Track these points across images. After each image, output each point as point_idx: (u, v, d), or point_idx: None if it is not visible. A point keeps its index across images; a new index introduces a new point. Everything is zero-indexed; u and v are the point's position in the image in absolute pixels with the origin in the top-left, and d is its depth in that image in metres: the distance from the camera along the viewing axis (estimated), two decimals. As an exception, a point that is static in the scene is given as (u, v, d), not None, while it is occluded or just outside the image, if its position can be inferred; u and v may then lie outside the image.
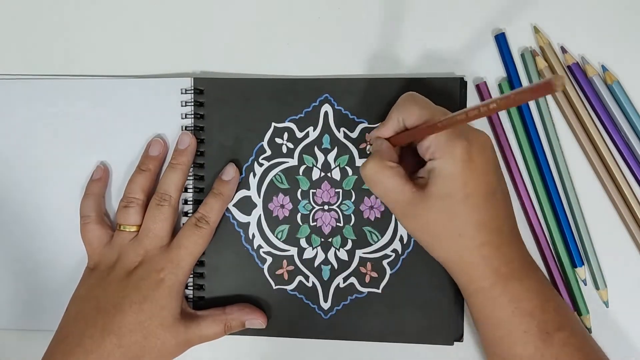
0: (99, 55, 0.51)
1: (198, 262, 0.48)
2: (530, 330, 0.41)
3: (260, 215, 0.49)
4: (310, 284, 0.48)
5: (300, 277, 0.49)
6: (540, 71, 0.47)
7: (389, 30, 0.49)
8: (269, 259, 0.49)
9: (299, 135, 0.49)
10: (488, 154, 0.42)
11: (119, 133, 0.50)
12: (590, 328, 0.47)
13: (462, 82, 0.48)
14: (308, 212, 0.48)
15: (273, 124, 0.49)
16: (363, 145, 0.48)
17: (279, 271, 0.49)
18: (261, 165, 0.49)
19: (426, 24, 0.49)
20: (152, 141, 0.48)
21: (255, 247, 0.49)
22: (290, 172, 0.49)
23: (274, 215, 0.49)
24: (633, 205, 0.46)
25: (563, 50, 0.47)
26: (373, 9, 0.49)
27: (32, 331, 0.50)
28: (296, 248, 0.49)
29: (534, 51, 0.47)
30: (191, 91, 0.49)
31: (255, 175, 0.49)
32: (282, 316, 0.48)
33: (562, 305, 0.43)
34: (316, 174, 0.48)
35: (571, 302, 0.47)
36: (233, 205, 0.49)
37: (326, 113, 0.48)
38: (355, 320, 0.48)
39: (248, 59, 0.50)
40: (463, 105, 0.47)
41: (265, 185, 0.49)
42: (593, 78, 0.46)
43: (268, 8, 0.50)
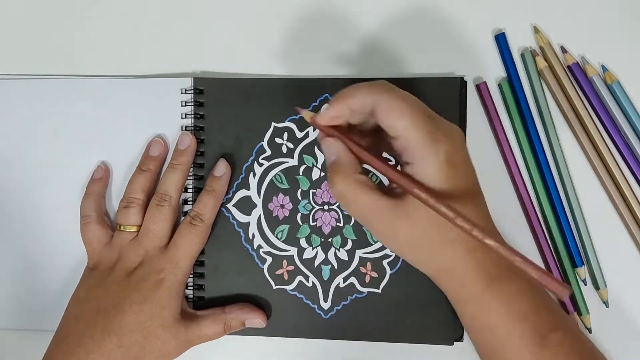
0: (99, 55, 0.51)
1: (198, 262, 0.48)
2: (525, 334, 0.39)
3: (260, 215, 0.49)
4: (310, 284, 0.48)
5: (300, 277, 0.49)
6: (540, 71, 0.47)
7: (389, 30, 0.49)
8: (269, 259, 0.49)
9: (299, 135, 0.49)
10: (466, 152, 0.40)
11: (119, 133, 0.50)
12: (590, 328, 0.47)
13: (462, 82, 0.47)
14: (308, 212, 0.48)
15: (273, 124, 0.49)
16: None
17: (279, 271, 0.49)
18: (261, 165, 0.49)
19: (426, 24, 0.49)
20: (153, 141, 0.48)
21: (255, 247, 0.49)
22: (290, 172, 0.49)
23: (274, 215, 0.49)
24: (633, 205, 0.46)
25: (563, 50, 0.47)
26: (373, 9, 0.49)
27: (32, 331, 0.50)
28: (296, 248, 0.49)
29: (534, 51, 0.47)
30: (191, 91, 0.49)
31: (255, 175, 0.49)
32: (282, 316, 0.48)
33: (553, 303, 0.42)
34: (316, 174, 0.49)
35: (571, 302, 0.47)
36: (233, 205, 0.49)
37: (326, 113, 0.48)
38: (355, 320, 0.48)
39: (248, 59, 0.50)
40: (463, 105, 0.47)
41: (265, 185, 0.49)
42: (593, 78, 0.46)
43: (268, 8, 0.50)
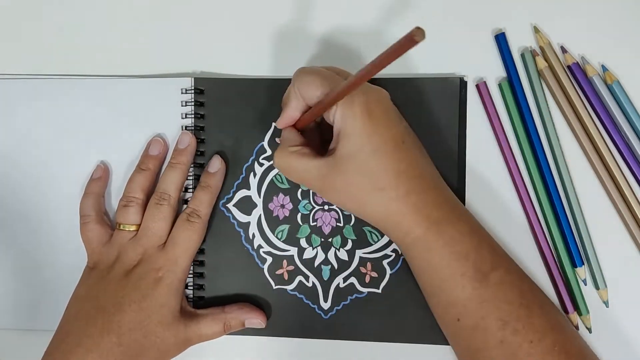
0: (100, 55, 0.51)
1: (198, 262, 0.48)
2: (467, 272, 0.41)
3: (260, 215, 0.49)
4: (310, 284, 0.48)
5: (300, 277, 0.49)
6: (540, 71, 0.47)
7: (389, 30, 0.49)
8: (269, 259, 0.49)
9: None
10: (386, 105, 0.42)
11: (119, 133, 0.50)
12: (590, 328, 0.47)
13: (462, 82, 0.48)
14: (308, 212, 0.48)
15: (273, 124, 0.49)
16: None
17: (279, 271, 0.49)
18: (261, 165, 0.49)
19: (426, 24, 0.49)
20: (152, 140, 0.49)
21: (255, 247, 0.49)
22: (290, 172, 0.49)
23: (274, 215, 0.49)
24: (633, 205, 0.46)
25: (563, 50, 0.47)
26: (373, 9, 0.49)
27: (32, 331, 0.50)
28: (296, 248, 0.49)
29: (534, 51, 0.47)
30: (191, 91, 0.49)
31: (255, 175, 0.49)
32: (282, 316, 0.48)
33: (495, 245, 0.44)
34: (316, 174, 0.48)
35: (571, 302, 0.47)
36: (233, 205, 0.49)
37: (326, 113, 0.48)
38: (355, 320, 0.48)
39: (248, 59, 0.50)
40: (463, 105, 0.48)
41: (265, 185, 0.49)
42: (593, 78, 0.46)
43: (268, 8, 0.50)
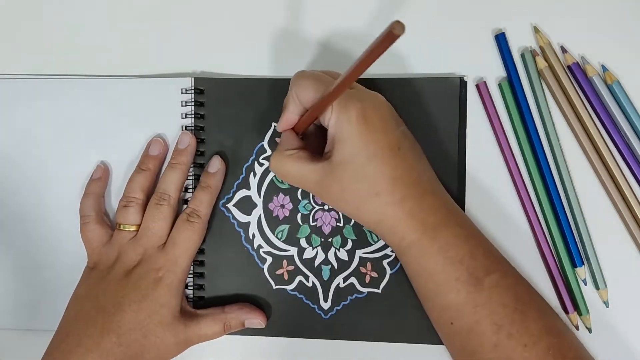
0: (100, 55, 0.51)
1: (198, 262, 0.48)
2: (461, 277, 0.41)
3: (260, 215, 0.49)
4: (310, 284, 0.48)
5: (300, 277, 0.49)
6: (540, 71, 0.47)
7: (389, 30, 0.49)
8: (269, 259, 0.49)
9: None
10: (383, 111, 0.42)
11: (119, 133, 0.50)
12: (590, 328, 0.47)
13: (462, 82, 0.48)
14: (308, 212, 0.48)
15: (273, 124, 0.49)
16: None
17: (279, 271, 0.49)
18: (262, 165, 0.49)
19: (426, 24, 0.49)
20: (152, 141, 0.49)
21: (255, 247, 0.49)
22: (290, 172, 0.49)
23: (274, 215, 0.49)
24: (633, 205, 0.46)
25: (563, 50, 0.47)
26: (373, 9, 0.49)
27: (32, 331, 0.50)
28: (296, 248, 0.49)
29: (534, 51, 0.47)
30: (191, 91, 0.49)
31: (255, 175, 0.49)
32: (282, 316, 0.48)
33: (492, 249, 0.43)
34: (316, 174, 0.48)
35: (571, 302, 0.47)
36: (233, 205, 0.49)
37: (326, 113, 0.48)
38: (355, 320, 0.48)
39: (248, 59, 0.50)
40: (463, 105, 0.48)
41: (265, 185, 0.49)
42: (593, 78, 0.46)
43: (268, 8, 0.50)
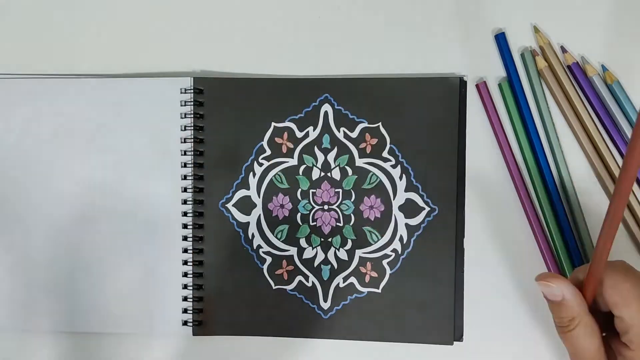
0: (99, 54, 0.51)
1: (197, 262, 0.48)
2: None
3: (259, 215, 0.49)
4: (310, 284, 0.48)
5: (300, 277, 0.49)
6: (540, 71, 0.47)
7: (389, 29, 0.49)
8: (269, 259, 0.49)
9: (299, 135, 0.49)
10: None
11: (119, 133, 0.50)
12: (590, 328, 0.47)
13: (462, 82, 0.48)
14: (308, 212, 0.48)
15: (273, 124, 0.49)
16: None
17: (279, 271, 0.49)
18: (261, 165, 0.49)
19: (426, 24, 0.49)
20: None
21: (254, 247, 0.49)
22: (290, 172, 0.49)
23: (274, 215, 0.49)
24: (633, 205, 0.46)
25: (563, 50, 0.47)
26: (373, 9, 0.49)
27: (32, 331, 0.50)
28: (296, 248, 0.49)
29: (534, 51, 0.47)
30: (191, 91, 0.49)
31: (255, 175, 0.49)
32: (282, 316, 0.48)
33: None
34: (316, 174, 0.48)
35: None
36: (232, 205, 0.49)
37: (326, 113, 0.48)
38: (355, 320, 0.48)
39: (248, 59, 0.50)
40: (463, 105, 0.47)
41: (265, 185, 0.49)
42: (593, 78, 0.46)
43: (268, 8, 0.50)
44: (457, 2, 0.49)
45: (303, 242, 0.48)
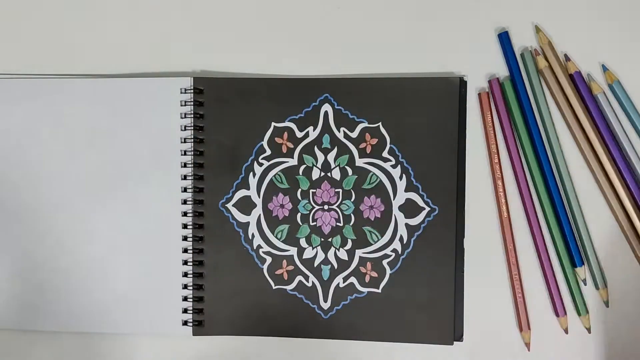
0: (99, 54, 0.51)
1: (197, 262, 0.48)
2: None
3: (259, 215, 0.49)
4: (310, 284, 0.48)
5: (300, 277, 0.48)
6: (540, 71, 0.47)
7: (389, 29, 0.49)
8: (269, 259, 0.49)
9: (299, 135, 0.49)
10: None
11: (119, 132, 0.50)
12: (589, 328, 0.47)
13: (462, 82, 0.47)
14: (308, 212, 0.48)
15: (273, 124, 0.49)
16: None
17: (279, 271, 0.49)
18: (261, 164, 0.49)
19: (426, 24, 0.49)
20: None
21: (254, 247, 0.49)
22: (290, 172, 0.49)
23: (274, 215, 0.49)
24: (633, 204, 0.46)
25: (566, 58, 0.47)
26: (373, 9, 0.49)
27: (32, 331, 0.50)
28: (296, 248, 0.49)
29: (535, 50, 0.47)
30: (191, 91, 0.49)
31: (255, 175, 0.49)
32: (282, 316, 0.48)
33: None
34: (316, 174, 0.48)
35: (562, 305, 0.47)
36: (232, 205, 0.49)
37: (326, 113, 0.48)
38: (355, 320, 0.48)
39: (248, 59, 0.50)
40: (463, 104, 0.47)
41: (265, 185, 0.49)
42: (598, 96, 0.46)
43: (268, 8, 0.50)
44: (458, 2, 0.48)
45: (303, 242, 0.48)
